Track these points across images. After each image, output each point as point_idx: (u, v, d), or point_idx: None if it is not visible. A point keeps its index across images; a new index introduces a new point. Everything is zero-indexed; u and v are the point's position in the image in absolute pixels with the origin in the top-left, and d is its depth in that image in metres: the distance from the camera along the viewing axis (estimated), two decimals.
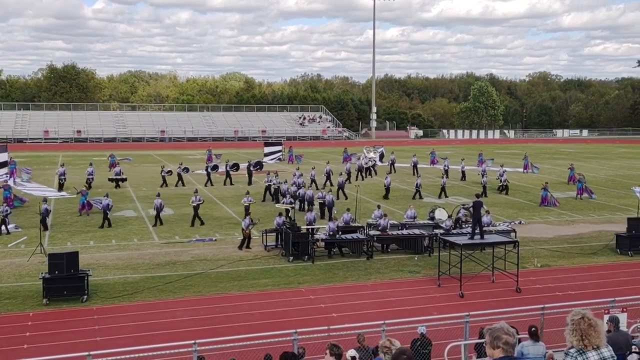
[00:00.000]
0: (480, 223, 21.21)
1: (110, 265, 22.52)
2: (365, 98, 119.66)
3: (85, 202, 31.56)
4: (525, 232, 28.09)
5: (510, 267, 20.47)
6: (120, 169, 42.88)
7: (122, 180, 41.44)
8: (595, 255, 24.73)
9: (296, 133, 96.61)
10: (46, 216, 28.29)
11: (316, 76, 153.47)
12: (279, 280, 20.91)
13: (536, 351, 10.71)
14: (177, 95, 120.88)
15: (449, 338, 13.42)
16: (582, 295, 18.70)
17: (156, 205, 29.80)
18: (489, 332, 5.08)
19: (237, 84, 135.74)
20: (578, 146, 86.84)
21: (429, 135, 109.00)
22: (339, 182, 37.32)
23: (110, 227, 28.58)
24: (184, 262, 23.01)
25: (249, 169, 43.51)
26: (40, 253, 23.08)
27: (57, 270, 18.36)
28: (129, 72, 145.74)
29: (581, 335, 5.21)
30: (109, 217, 29.05)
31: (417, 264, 23.04)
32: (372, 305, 18.52)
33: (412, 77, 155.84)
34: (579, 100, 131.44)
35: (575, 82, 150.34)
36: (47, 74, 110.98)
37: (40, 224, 26.69)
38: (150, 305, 18.38)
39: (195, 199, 30.10)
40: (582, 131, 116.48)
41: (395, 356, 5.30)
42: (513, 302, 17.89)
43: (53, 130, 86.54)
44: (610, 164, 60.20)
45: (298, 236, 23.47)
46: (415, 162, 48.57)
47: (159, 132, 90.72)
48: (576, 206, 35.56)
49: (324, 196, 31.70)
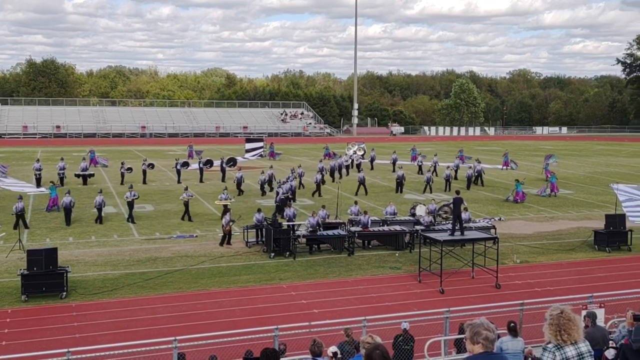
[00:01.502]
0: (460, 219, 21.34)
1: (89, 261, 22.33)
2: (347, 95, 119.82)
3: (55, 196, 31.03)
4: (505, 228, 28.32)
5: (490, 263, 20.62)
6: (86, 164, 42.33)
7: (89, 176, 40.77)
8: (573, 251, 25.00)
9: (278, 129, 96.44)
10: (23, 214, 27.48)
11: (298, 72, 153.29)
12: (260, 277, 20.88)
13: (515, 346, 10.79)
14: (158, 90, 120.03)
15: (430, 334, 13.49)
16: (561, 291, 18.91)
17: (97, 202, 28.86)
18: (469, 327, 5.10)
19: (218, 80, 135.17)
20: (557, 143, 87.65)
21: (410, 132, 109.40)
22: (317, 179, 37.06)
23: (70, 226, 27.81)
24: (165, 259, 22.89)
25: (222, 166, 43.13)
26: (18, 249, 22.82)
27: (35, 267, 18.17)
28: (109, 67, 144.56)
29: (559, 331, 5.25)
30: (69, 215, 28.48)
31: (398, 260, 23.13)
32: (353, 301, 18.57)
33: (394, 74, 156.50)
34: (558, 98, 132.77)
35: (555, 79, 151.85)
36: (25, 69, 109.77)
37: (18, 221, 26.28)
38: (130, 301, 18.26)
39: (186, 195, 30.12)
40: (562, 128, 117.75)
41: (369, 351, 5.31)
42: (493, 298, 18.05)
43: (32, 125, 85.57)
44: (588, 161, 60.86)
45: (279, 232, 23.45)
46: (395, 158, 48.84)
47: (140, 128, 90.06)
48: (555, 203, 35.90)
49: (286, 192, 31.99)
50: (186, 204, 29.68)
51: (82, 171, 41.04)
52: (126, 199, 29.72)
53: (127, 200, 29.59)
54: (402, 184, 38.51)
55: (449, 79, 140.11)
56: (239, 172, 38.22)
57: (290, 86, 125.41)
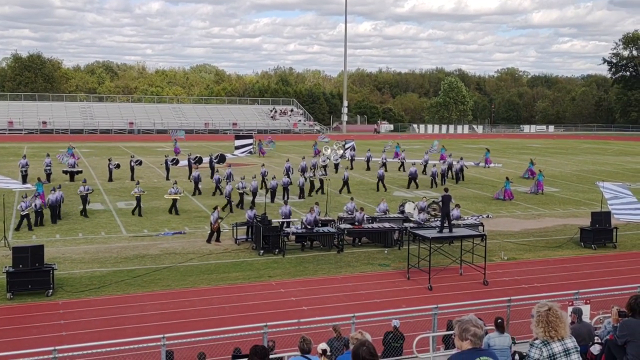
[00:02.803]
0: (449, 217, 21.44)
1: (76, 259, 22.20)
2: (337, 92, 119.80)
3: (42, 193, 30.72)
4: (493, 225, 28.46)
5: (477, 260, 20.73)
6: (74, 160, 42.06)
7: (76, 172, 40.44)
8: (560, 248, 25.18)
9: (267, 126, 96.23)
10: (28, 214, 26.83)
11: (288, 69, 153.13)
12: (249, 274, 20.86)
13: (502, 342, 10.87)
14: (146, 86, 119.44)
15: (418, 330, 13.55)
16: (547, 287, 19.05)
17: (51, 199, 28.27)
18: (457, 324, 5.13)
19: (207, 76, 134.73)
20: (544, 141, 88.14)
21: (399, 129, 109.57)
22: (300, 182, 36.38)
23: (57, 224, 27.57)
24: (153, 256, 22.81)
25: (210, 163, 42.79)
26: (4, 246, 22.66)
27: (21, 264, 18.04)
28: (97, 62, 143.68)
29: (546, 327, 5.29)
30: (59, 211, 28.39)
31: (387, 257, 23.19)
32: (342, 298, 18.60)
33: (384, 71, 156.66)
34: (545, 97, 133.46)
35: (542, 78, 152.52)
36: (11, 64, 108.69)
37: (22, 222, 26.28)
38: (117, 299, 18.18)
39: (174, 190, 30.45)
40: (549, 127, 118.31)
41: (355, 348, 5.33)
42: (480, 295, 18.13)
43: (18, 121, 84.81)
44: (575, 159, 61.25)
45: (269, 230, 23.43)
46: (369, 156, 48.76)
47: (128, 124, 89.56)
48: (542, 200, 36.12)
49: (244, 186, 32.14)
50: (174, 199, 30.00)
51: (70, 167, 40.77)
52: (169, 194, 30.59)
53: (135, 195, 30.05)
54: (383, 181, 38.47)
55: (438, 77, 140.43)
56: (229, 168, 38.04)
57: (280, 83, 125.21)
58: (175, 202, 30.42)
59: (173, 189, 30.83)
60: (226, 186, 32.02)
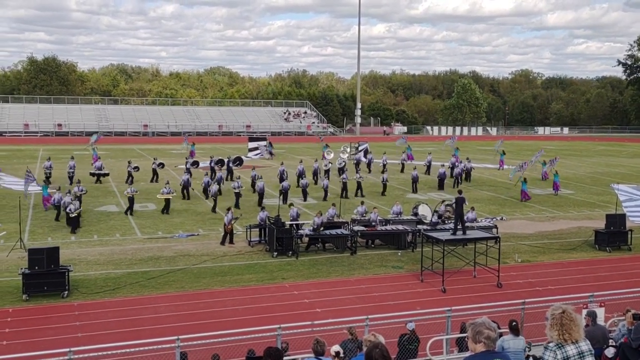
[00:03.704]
0: (462, 219, 21.37)
1: (91, 260, 22.37)
2: (351, 94, 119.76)
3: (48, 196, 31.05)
4: (507, 228, 28.34)
5: (491, 262, 20.65)
6: (102, 163, 42.47)
7: (103, 175, 40.92)
8: (574, 250, 25.02)
9: (281, 128, 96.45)
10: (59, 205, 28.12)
11: (302, 72, 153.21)
12: (262, 276, 20.91)
13: (516, 345, 10.83)
14: (160, 89, 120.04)
15: (431, 333, 13.52)
16: (562, 290, 18.94)
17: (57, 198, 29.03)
18: (471, 326, 5.13)
19: (221, 79, 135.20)
20: (559, 143, 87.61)
21: (413, 132, 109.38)
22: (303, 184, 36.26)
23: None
24: (167, 258, 22.93)
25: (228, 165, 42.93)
26: (20, 248, 22.87)
27: (37, 266, 18.18)
28: (111, 65, 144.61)
29: (561, 330, 5.28)
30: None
31: (401, 260, 23.16)
32: (355, 300, 18.60)
33: (397, 73, 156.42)
34: (560, 98, 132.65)
35: (556, 80, 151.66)
36: (27, 66, 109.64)
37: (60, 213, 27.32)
38: (132, 301, 18.29)
39: (166, 190, 31.21)
40: (563, 129, 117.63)
41: (369, 350, 5.35)
42: (494, 297, 18.07)
43: (33, 123, 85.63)
44: (589, 161, 60.83)
45: (282, 232, 23.48)
46: (370, 158, 48.54)
47: (142, 127, 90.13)
48: (556, 203, 35.91)
49: (240, 186, 32.80)
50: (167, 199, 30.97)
51: (97, 170, 41.11)
52: (161, 194, 31.22)
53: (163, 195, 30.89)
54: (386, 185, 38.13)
55: (452, 78, 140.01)
56: (254, 171, 38.73)
57: (293, 85, 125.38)
58: (168, 202, 31.05)
59: (165, 189, 31.51)
60: (212, 186, 32.95)
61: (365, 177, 39.53)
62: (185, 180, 35.18)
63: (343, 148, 51.50)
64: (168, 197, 31.06)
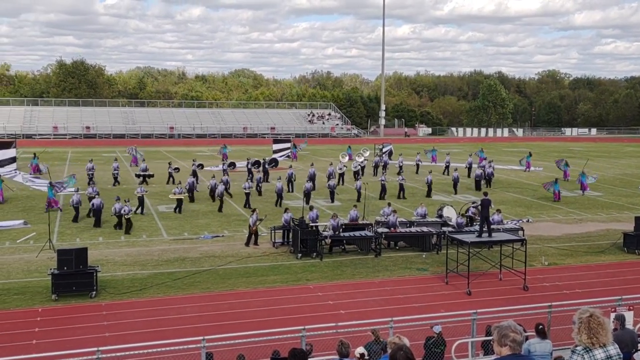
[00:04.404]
0: (488, 221, 21.19)
1: (119, 261, 22.65)
2: (375, 96, 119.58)
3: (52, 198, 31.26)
4: (533, 230, 28.05)
5: (517, 265, 20.47)
6: (146, 164, 42.88)
7: (148, 176, 41.04)
8: (602, 253, 24.68)
9: (305, 130, 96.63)
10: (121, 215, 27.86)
11: (326, 73, 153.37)
12: (287, 277, 20.98)
13: (543, 349, 10.73)
14: (186, 91, 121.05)
15: (457, 335, 13.45)
16: (589, 293, 18.69)
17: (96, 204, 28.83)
18: (496, 329, 5.11)
19: (246, 81, 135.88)
20: (586, 145, 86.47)
21: (437, 133, 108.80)
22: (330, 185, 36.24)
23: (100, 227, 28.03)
24: (193, 259, 23.11)
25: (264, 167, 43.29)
26: (49, 249, 23.24)
27: (66, 266, 18.45)
28: (138, 68, 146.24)
29: (589, 334, 5.23)
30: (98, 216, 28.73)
31: (425, 262, 23.06)
32: (380, 302, 18.56)
33: (422, 74, 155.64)
34: (587, 99, 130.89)
35: (584, 80, 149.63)
36: (56, 70, 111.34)
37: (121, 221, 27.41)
38: (158, 301, 18.48)
39: (178, 191, 31.81)
40: (591, 130, 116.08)
41: (393, 352, 5.35)
42: (520, 300, 17.90)
43: (62, 126, 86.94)
44: (618, 163, 59.94)
45: (306, 233, 23.52)
46: (377, 161, 48.30)
47: (168, 129, 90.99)
48: (584, 205, 35.45)
49: (251, 186, 33.77)
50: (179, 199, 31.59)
51: (143, 171, 41.61)
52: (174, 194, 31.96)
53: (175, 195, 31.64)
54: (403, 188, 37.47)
55: (477, 79, 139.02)
56: (291, 169, 39.53)
57: (317, 87, 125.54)
58: (180, 202, 31.50)
59: (177, 189, 31.99)
60: (219, 186, 33.44)
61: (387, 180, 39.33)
62: (191, 183, 35.41)
63: (362, 150, 51.37)
64: (180, 197, 31.60)
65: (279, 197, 33.54)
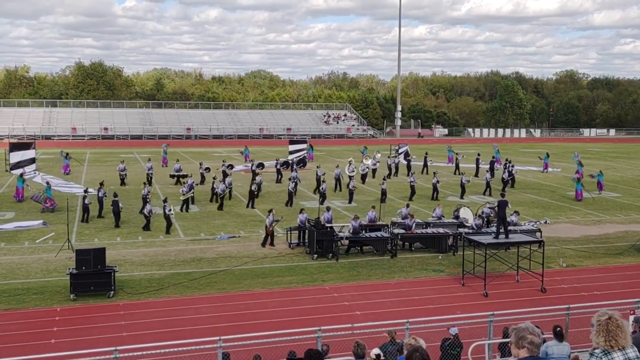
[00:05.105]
0: (505, 222, 21.06)
1: (136, 261, 22.80)
2: (391, 96, 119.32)
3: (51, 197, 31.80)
4: (551, 231, 27.84)
5: (535, 266, 20.32)
6: (180, 165, 43.13)
7: (182, 176, 40.78)
8: (621, 255, 24.43)
9: (321, 131, 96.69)
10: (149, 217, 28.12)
11: (342, 74, 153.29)
12: (303, 278, 21.00)
13: (561, 351, 10.65)
14: (203, 92, 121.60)
15: (473, 337, 13.39)
16: (608, 295, 18.49)
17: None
18: (514, 331, 5.08)
19: (262, 82, 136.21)
20: (605, 145, 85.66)
21: (454, 133, 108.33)
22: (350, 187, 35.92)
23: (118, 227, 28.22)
24: (209, 259, 23.21)
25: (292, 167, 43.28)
26: (67, 249, 23.45)
27: (84, 266, 18.61)
28: (155, 69, 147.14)
29: (607, 336, 5.19)
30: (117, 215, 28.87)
31: (441, 263, 22.98)
32: (395, 303, 18.52)
33: (438, 75, 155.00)
34: (606, 99, 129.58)
35: (602, 80, 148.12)
36: (74, 72, 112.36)
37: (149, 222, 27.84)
38: (175, 301, 18.58)
39: (185, 190, 32.47)
40: (610, 130, 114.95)
41: (409, 353, 5.34)
42: (538, 302, 17.77)
43: (80, 127, 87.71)
44: (637, 164, 59.29)
45: (322, 234, 23.53)
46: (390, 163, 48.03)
47: (185, 130, 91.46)
48: (602, 206, 35.12)
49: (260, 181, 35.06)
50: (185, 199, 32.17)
51: (177, 172, 41.89)
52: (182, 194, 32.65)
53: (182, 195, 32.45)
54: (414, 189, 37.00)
55: (494, 80, 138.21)
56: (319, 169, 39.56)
57: (333, 88, 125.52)
58: (187, 201, 32.28)
59: (185, 188, 32.70)
60: (220, 185, 33.97)
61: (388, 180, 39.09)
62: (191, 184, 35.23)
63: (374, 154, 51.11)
64: (187, 196, 32.18)
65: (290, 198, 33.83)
